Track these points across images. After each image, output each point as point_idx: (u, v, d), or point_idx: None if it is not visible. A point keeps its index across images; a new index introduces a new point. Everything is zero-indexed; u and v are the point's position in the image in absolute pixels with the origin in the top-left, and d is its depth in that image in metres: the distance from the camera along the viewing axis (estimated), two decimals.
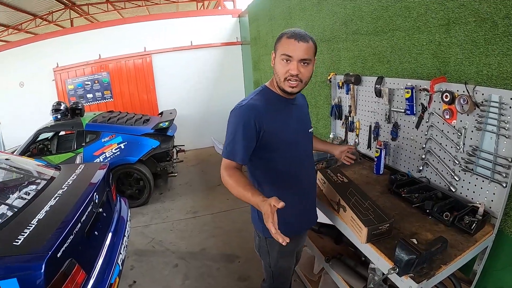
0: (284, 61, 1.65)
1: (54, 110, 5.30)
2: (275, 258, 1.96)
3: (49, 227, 2.08)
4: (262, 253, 2.00)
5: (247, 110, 1.67)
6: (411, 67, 2.36)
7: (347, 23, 3.10)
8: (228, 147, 1.68)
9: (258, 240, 1.99)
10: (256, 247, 2.05)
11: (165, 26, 7.59)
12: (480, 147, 1.81)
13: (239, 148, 1.66)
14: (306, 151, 1.96)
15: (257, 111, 1.68)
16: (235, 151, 1.66)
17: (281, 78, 1.68)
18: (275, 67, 1.71)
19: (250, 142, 1.68)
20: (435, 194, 2.01)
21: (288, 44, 1.63)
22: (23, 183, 2.69)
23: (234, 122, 1.68)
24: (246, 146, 1.67)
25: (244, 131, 1.65)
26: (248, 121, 1.65)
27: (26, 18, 12.53)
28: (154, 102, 7.76)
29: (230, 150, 1.68)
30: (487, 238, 1.72)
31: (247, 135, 1.66)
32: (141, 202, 5.11)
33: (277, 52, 1.68)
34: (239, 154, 1.66)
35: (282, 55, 1.64)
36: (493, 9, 1.71)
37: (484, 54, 1.80)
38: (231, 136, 1.67)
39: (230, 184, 1.62)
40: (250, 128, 1.65)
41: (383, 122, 2.63)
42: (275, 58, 1.70)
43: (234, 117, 1.69)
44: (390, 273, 1.46)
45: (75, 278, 2.01)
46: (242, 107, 1.69)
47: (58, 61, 7.15)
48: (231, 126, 1.69)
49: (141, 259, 3.65)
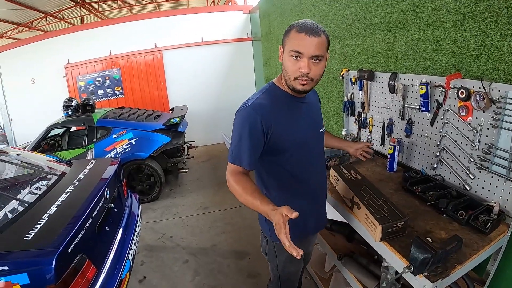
0: (294, 58, 1.51)
1: (65, 106, 5.34)
2: (283, 262, 1.88)
3: (60, 222, 2.09)
4: (270, 256, 1.92)
5: (253, 111, 1.55)
6: (426, 63, 2.32)
7: (360, 18, 3.06)
8: (234, 151, 1.58)
9: (265, 242, 1.91)
10: (263, 250, 1.97)
11: (176, 22, 7.59)
12: (496, 144, 1.77)
13: (245, 152, 1.55)
14: (317, 152, 1.85)
15: (264, 111, 1.56)
16: (242, 155, 1.56)
17: (291, 76, 1.55)
18: (283, 64, 1.58)
19: (257, 146, 1.58)
20: (449, 192, 1.98)
21: (298, 39, 1.48)
22: (34, 179, 2.71)
23: (240, 124, 1.57)
24: (253, 150, 1.57)
25: (250, 134, 1.54)
26: (254, 122, 1.53)
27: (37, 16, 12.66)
28: (165, 98, 7.78)
29: (236, 155, 1.57)
30: (502, 238, 1.69)
31: (254, 137, 1.55)
32: (152, 198, 5.13)
33: (286, 47, 1.54)
34: (245, 159, 1.56)
35: (291, 51, 1.50)
36: (510, 4, 1.66)
37: (501, 50, 1.76)
38: (237, 139, 1.57)
39: (236, 191, 1.52)
40: (257, 130, 1.54)
41: (397, 119, 2.60)
42: (283, 53, 1.57)
43: (240, 119, 1.58)
44: (404, 272, 1.44)
45: (85, 273, 2.02)
46: (247, 108, 1.57)
47: (69, 58, 7.20)
48: (237, 128, 1.58)
49: (152, 255, 3.67)
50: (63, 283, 1.82)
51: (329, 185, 2.33)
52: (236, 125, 1.59)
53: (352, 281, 2.15)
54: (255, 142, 1.56)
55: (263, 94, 1.64)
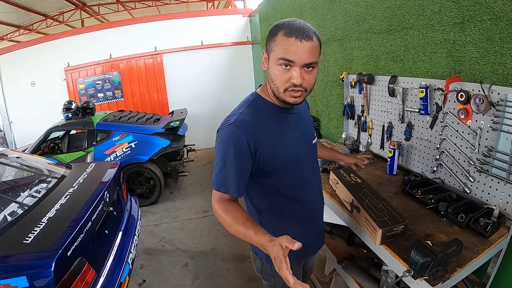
0: (283, 67, 1.28)
1: (65, 109, 5.34)
2: (281, 282, 1.57)
3: (60, 226, 2.09)
4: (266, 275, 1.72)
5: (237, 129, 1.34)
6: (425, 66, 2.32)
7: (359, 22, 3.07)
8: (218, 176, 1.38)
9: (259, 264, 1.71)
10: (257, 270, 1.77)
11: (176, 25, 7.62)
12: (496, 147, 1.77)
13: (231, 177, 1.36)
14: (311, 167, 1.66)
15: (250, 128, 1.35)
16: (228, 181, 1.36)
17: (280, 88, 1.32)
18: (269, 73, 1.35)
19: (245, 169, 1.38)
20: (449, 195, 1.98)
21: (287, 44, 1.25)
22: (34, 181, 2.71)
23: (223, 145, 1.37)
24: (241, 175, 1.37)
25: (236, 156, 1.34)
26: (239, 142, 1.33)
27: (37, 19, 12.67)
28: (165, 102, 7.80)
29: (221, 181, 1.37)
30: (502, 241, 1.68)
31: (240, 160, 1.35)
32: (152, 201, 5.13)
33: (272, 54, 1.31)
34: (232, 185, 1.36)
35: (280, 60, 1.27)
36: (509, 7, 1.67)
37: (500, 53, 1.77)
38: (221, 163, 1.37)
39: (225, 221, 1.33)
40: (243, 152, 1.34)
41: (397, 122, 2.60)
42: (268, 60, 1.34)
43: (222, 139, 1.37)
44: (405, 276, 1.44)
45: (85, 276, 2.02)
46: (230, 126, 1.36)
47: (69, 61, 7.22)
48: (220, 150, 1.38)
49: (151, 258, 3.66)
50: (62, 286, 1.82)
51: (329, 188, 2.34)
52: (218, 147, 1.40)
53: (352, 284, 2.15)
54: (242, 165, 1.36)
55: (246, 109, 1.43)
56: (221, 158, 1.37)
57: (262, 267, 1.70)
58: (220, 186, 1.38)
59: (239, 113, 1.40)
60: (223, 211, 1.35)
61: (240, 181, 1.38)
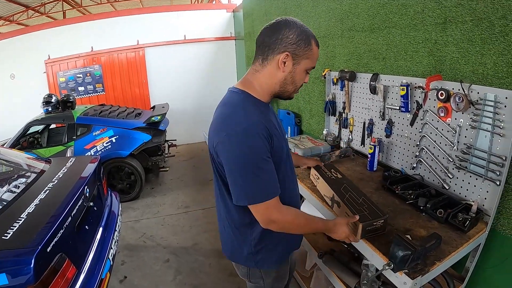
0: (306, 73, 1.42)
1: (45, 102, 5.22)
2: (270, 283, 1.70)
3: (39, 221, 2.04)
4: (254, 279, 1.70)
5: (254, 131, 1.28)
6: (407, 65, 2.36)
7: (343, 20, 3.09)
8: (256, 186, 1.30)
9: (246, 270, 1.68)
10: (242, 275, 1.75)
11: (159, 19, 7.51)
12: (475, 145, 1.82)
13: (273, 178, 1.33)
14: (290, 160, 1.65)
15: (262, 125, 1.31)
16: (272, 185, 1.33)
17: (294, 91, 1.45)
18: (294, 77, 1.40)
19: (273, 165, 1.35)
20: (428, 191, 2.02)
21: (318, 55, 1.39)
22: (12, 176, 2.65)
23: (249, 152, 1.27)
24: (274, 172, 1.35)
25: (265, 157, 1.30)
26: (262, 144, 1.29)
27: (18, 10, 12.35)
28: (147, 96, 7.71)
29: (264, 188, 1.31)
30: (480, 236, 1.73)
31: (269, 159, 1.33)
32: (132, 197, 5.07)
33: (303, 62, 1.37)
34: (276, 185, 1.34)
35: (309, 68, 1.40)
36: (490, 9, 1.71)
37: (480, 54, 1.81)
38: (253, 173, 1.28)
39: (298, 226, 1.43)
40: (267, 150, 1.32)
41: (377, 119, 2.63)
42: (296, 65, 1.38)
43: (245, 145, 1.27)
44: (385, 269, 1.46)
45: (65, 273, 1.99)
46: (248, 131, 1.27)
47: (49, 53, 7.05)
48: (246, 158, 1.27)
49: (132, 254, 3.63)
50: (42, 283, 1.78)
51: (309, 183, 2.36)
52: (243, 156, 1.28)
53: (333, 279, 2.17)
54: (272, 164, 1.34)
55: (247, 107, 1.36)
56: (253, 164, 1.28)
57: (249, 272, 1.68)
58: (269, 193, 1.32)
59: (243, 115, 1.32)
60: (296, 217, 1.44)
61: (276, 179, 1.35)
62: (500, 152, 1.68)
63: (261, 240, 1.54)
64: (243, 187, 1.31)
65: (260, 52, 1.40)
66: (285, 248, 1.66)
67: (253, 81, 1.44)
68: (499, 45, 1.70)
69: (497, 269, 1.86)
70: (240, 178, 1.30)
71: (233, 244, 1.63)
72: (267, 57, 1.37)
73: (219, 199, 1.60)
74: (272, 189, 1.32)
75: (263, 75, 1.41)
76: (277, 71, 1.38)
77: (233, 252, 1.67)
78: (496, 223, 1.82)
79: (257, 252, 1.57)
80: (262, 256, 1.58)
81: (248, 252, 1.58)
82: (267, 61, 1.38)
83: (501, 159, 1.67)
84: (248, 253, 1.58)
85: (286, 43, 1.32)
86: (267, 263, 1.62)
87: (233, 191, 1.35)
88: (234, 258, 1.70)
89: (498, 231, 1.82)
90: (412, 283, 1.40)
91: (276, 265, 1.66)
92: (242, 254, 1.61)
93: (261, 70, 1.41)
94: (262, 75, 1.41)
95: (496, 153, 1.70)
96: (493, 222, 1.80)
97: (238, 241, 1.59)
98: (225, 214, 1.59)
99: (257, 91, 1.44)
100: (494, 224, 1.81)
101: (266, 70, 1.40)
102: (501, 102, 1.65)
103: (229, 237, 1.64)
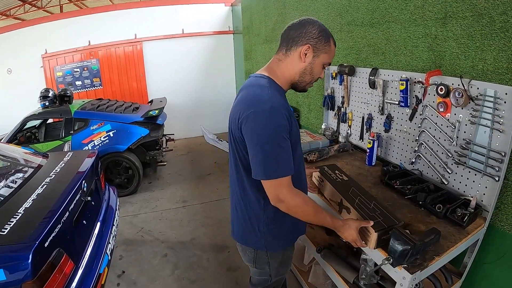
0: (322, 67, 1.56)
1: (42, 97, 5.20)
2: (276, 268, 1.78)
3: (36, 216, 2.03)
4: (259, 264, 1.77)
5: (277, 110, 1.37)
6: (406, 60, 2.35)
7: (342, 14, 3.07)
8: (274, 162, 1.37)
9: (252, 253, 1.75)
10: (248, 261, 1.82)
11: (157, 13, 7.47)
12: (474, 140, 1.82)
13: (288, 157, 1.40)
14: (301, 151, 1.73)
15: (284, 106, 1.42)
16: (287, 163, 1.40)
17: (310, 82, 1.58)
18: (313, 69, 1.53)
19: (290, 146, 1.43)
20: (427, 186, 2.02)
21: (334, 53, 1.56)
22: (9, 171, 2.63)
23: (270, 127, 1.35)
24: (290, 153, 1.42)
25: (284, 136, 1.38)
26: (283, 123, 1.38)
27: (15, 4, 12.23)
28: (144, 90, 7.68)
29: (280, 165, 1.38)
30: (479, 231, 1.73)
31: (288, 138, 1.41)
32: (130, 191, 5.06)
33: (323, 56, 1.51)
34: (290, 165, 1.41)
35: (327, 63, 1.55)
36: (491, 4, 1.71)
37: (480, 49, 1.80)
38: (274, 146, 1.36)
39: (307, 211, 1.46)
40: (287, 130, 1.40)
41: (376, 114, 2.63)
42: (315, 59, 1.51)
43: (266, 122, 1.35)
44: (384, 264, 1.46)
45: (63, 268, 1.98)
46: (274, 109, 1.36)
47: (46, 48, 7.01)
48: (270, 135, 1.36)
49: (130, 249, 3.63)
50: (40, 278, 1.77)
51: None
52: (267, 132, 1.36)
53: (332, 273, 2.18)
54: (289, 144, 1.42)
55: (270, 89, 1.45)
56: (275, 141, 1.36)
57: (255, 256, 1.75)
58: (285, 171, 1.39)
59: (269, 95, 1.41)
60: (304, 203, 1.46)
61: (292, 159, 1.42)
62: (499, 148, 1.68)
63: (273, 220, 1.62)
64: (263, 161, 1.37)
65: (284, 44, 1.53)
66: (294, 232, 1.74)
67: (276, 70, 1.56)
68: (499, 41, 1.70)
69: (495, 265, 1.87)
70: (262, 152, 1.36)
71: (245, 225, 1.69)
72: (291, 48, 1.51)
73: (234, 179, 1.67)
74: (287, 167, 1.39)
75: (286, 64, 1.54)
76: (299, 61, 1.51)
77: (244, 233, 1.73)
78: (495, 219, 1.82)
79: (268, 233, 1.64)
80: (272, 237, 1.66)
81: (260, 232, 1.65)
82: (290, 51, 1.51)
83: (500, 155, 1.67)
84: (260, 233, 1.65)
85: (309, 37, 1.47)
86: (276, 245, 1.69)
87: (253, 166, 1.42)
88: (244, 240, 1.76)
89: (496, 226, 1.82)
90: (411, 278, 1.40)
91: (284, 248, 1.75)
92: (254, 234, 1.68)
93: (284, 59, 1.54)
94: (285, 64, 1.54)
95: (495, 149, 1.70)
96: (492, 218, 1.80)
97: (251, 221, 1.66)
98: (241, 194, 1.66)
99: (279, 78, 1.55)
100: (492, 220, 1.81)
101: (288, 59, 1.53)
102: (501, 98, 1.65)
103: (242, 218, 1.70)
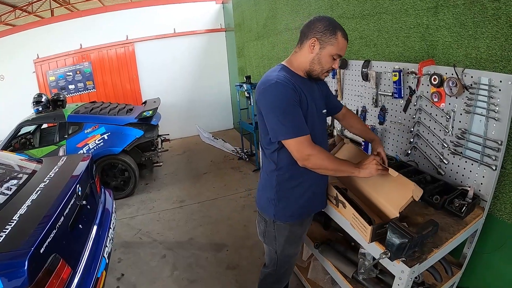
0: (333, 58, 1.69)
1: (35, 102, 5.17)
2: (282, 244, 1.94)
3: (31, 222, 2.01)
4: (268, 238, 1.96)
5: (284, 83, 1.61)
6: (399, 50, 2.33)
7: (333, 7, 3.05)
8: (287, 124, 1.59)
9: (264, 225, 1.95)
10: (260, 234, 2.02)
11: (148, 13, 7.43)
12: (469, 130, 1.80)
13: (301, 120, 1.61)
14: (321, 128, 1.87)
15: (291, 81, 1.64)
16: (301, 124, 1.60)
17: (321, 71, 1.73)
18: (320, 59, 1.70)
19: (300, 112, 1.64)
20: (424, 177, 2.01)
21: (343, 44, 1.67)
22: (4, 179, 2.61)
23: (278, 97, 1.60)
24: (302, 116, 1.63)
25: (294, 102, 1.60)
26: (291, 93, 1.60)
27: (6, 10, 12.15)
28: (138, 92, 7.65)
29: (294, 126, 1.59)
30: (477, 221, 1.72)
31: (297, 105, 1.62)
32: (127, 193, 5.03)
33: (329, 47, 1.66)
34: (304, 126, 1.61)
35: (336, 54, 1.67)
36: None
37: (473, 37, 1.79)
38: (284, 113, 1.59)
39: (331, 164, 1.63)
40: (296, 99, 1.62)
41: (370, 106, 2.61)
42: (322, 50, 1.68)
43: (274, 93, 1.61)
44: (381, 258, 1.45)
45: (60, 273, 1.96)
46: (277, 82, 1.61)
47: (38, 52, 6.95)
48: (276, 101, 1.61)
49: (128, 251, 3.61)
50: (37, 285, 1.75)
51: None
52: (272, 99, 1.62)
53: (330, 268, 2.17)
54: (300, 110, 1.63)
55: (280, 72, 1.70)
56: (281, 108, 1.60)
57: (266, 229, 1.95)
58: (299, 131, 1.59)
59: (276, 75, 1.66)
60: (326, 157, 1.64)
61: (304, 122, 1.63)
62: (496, 137, 1.67)
63: (282, 187, 1.81)
64: (277, 125, 1.62)
65: (299, 39, 1.76)
66: (301, 207, 1.86)
67: (293, 60, 1.79)
68: (492, 28, 1.68)
69: (495, 254, 1.86)
70: (274, 118, 1.62)
71: (262, 191, 1.92)
72: (303, 41, 1.73)
73: (263, 152, 1.88)
74: (301, 128, 1.60)
75: (299, 55, 1.75)
76: (308, 52, 1.71)
77: (260, 199, 1.96)
78: (493, 208, 1.81)
79: (278, 199, 1.83)
80: (281, 206, 1.84)
81: (270, 197, 1.85)
82: (302, 44, 1.73)
83: (497, 144, 1.66)
84: (271, 198, 1.85)
85: (315, 31, 1.67)
86: (283, 216, 1.86)
87: (270, 132, 1.68)
88: (260, 206, 1.97)
89: (495, 216, 1.81)
90: (410, 271, 1.39)
91: (290, 222, 1.88)
92: (266, 199, 1.89)
93: (299, 51, 1.76)
94: (299, 55, 1.76)
95: (491, 138, 1.69)
96: (490, 207, 1.79)
97: (265, 187, 1.89)
98: (264, 163, 1.91)
99: (294, 66, 1.77)
100: (491, 210, 1.81)
101: (301, 51, 1.74)
102: (495, 85, 1.63)
103: (261, 185, 1.95)
